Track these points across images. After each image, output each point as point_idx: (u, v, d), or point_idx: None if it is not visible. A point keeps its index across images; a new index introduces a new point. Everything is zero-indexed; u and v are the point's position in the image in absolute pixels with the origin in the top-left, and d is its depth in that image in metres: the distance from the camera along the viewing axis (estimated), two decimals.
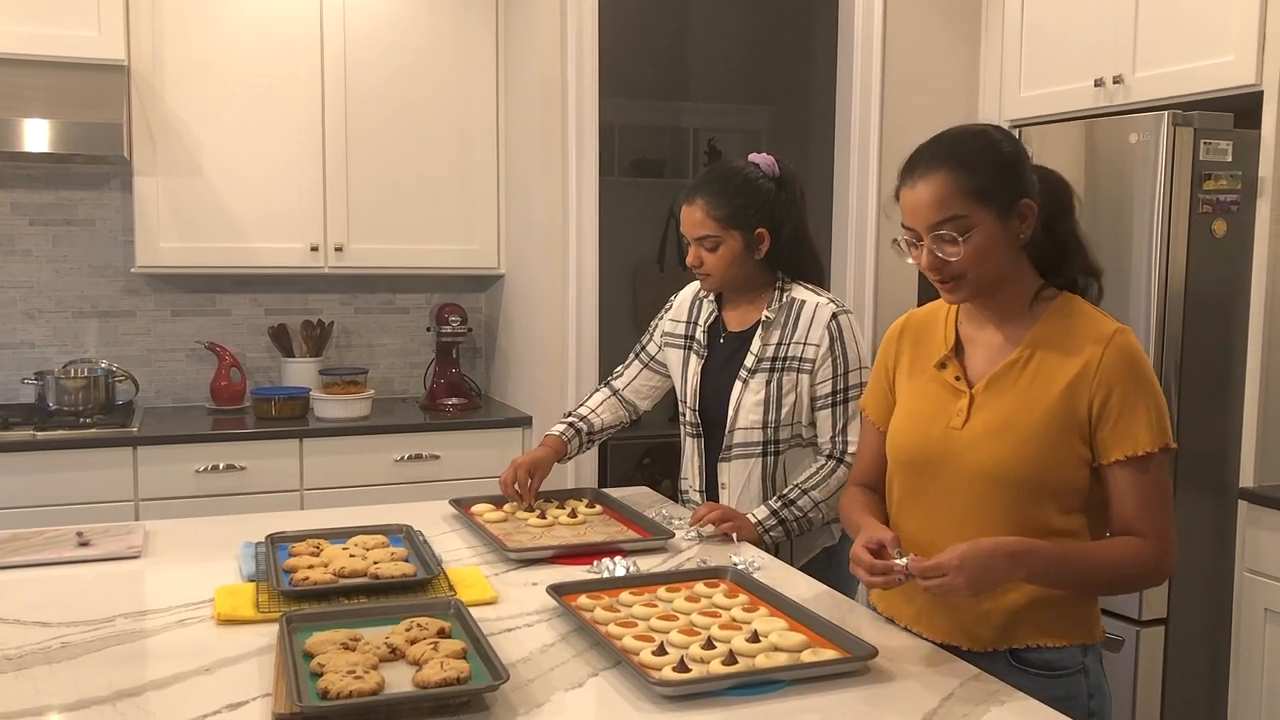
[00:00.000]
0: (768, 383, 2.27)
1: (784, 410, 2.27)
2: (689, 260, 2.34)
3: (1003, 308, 1.69)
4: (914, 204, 1.62)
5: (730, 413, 2.31)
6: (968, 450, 1.65)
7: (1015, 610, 1.65)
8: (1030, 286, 1.69)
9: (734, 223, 2.27)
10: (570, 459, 2.55)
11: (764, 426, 2.28)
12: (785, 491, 2.25)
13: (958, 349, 1.74)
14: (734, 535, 2.19)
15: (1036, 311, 1.68)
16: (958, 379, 1.70)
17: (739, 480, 2.32)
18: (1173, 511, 1.62)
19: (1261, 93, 2.80)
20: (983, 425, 1.65)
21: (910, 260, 1.67)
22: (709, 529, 2.19)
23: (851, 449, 2.22)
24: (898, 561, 1.56)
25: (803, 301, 2.30)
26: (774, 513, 2.22)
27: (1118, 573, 1.61)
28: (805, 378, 2.26)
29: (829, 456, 2.26)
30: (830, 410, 2.25)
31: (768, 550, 2.19)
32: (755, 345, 2.30)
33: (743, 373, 2.30)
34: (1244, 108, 2.84)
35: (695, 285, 2.49)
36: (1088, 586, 1.65)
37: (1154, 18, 3.06)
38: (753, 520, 2.21)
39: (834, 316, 2.25)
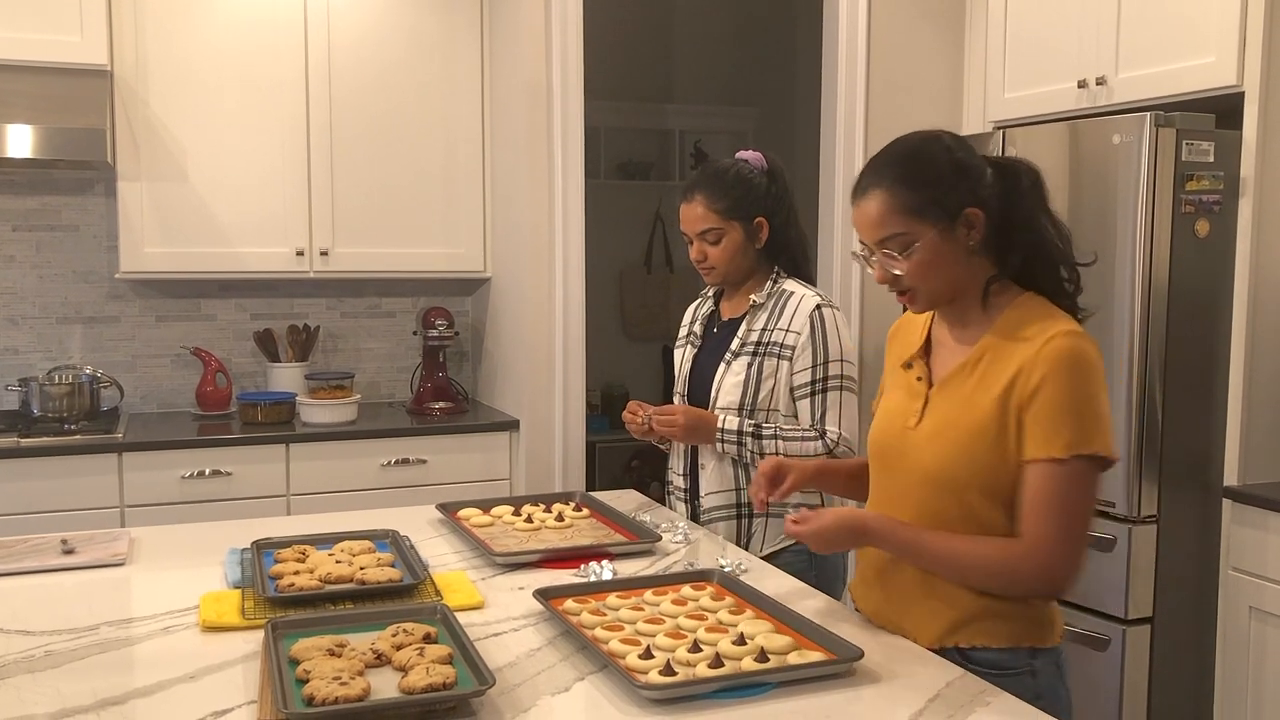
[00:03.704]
0: (749, 365, 2.31)
1: (761, 394, 2.30)
2: (693, 255, 2.39)
3: (962, 310, 1.70)
4: (859, 222, 1.67)
5: (712, 392, 2.35)
6: (915, 450, 1.69)
7: (960, 610, 1.65)
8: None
9: (734, 214, 2.33)
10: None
11: (740, 409, 2.31)
12: (763, 423, 2.28)
13: (927, 349, 1.77)
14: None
15: (993, 313, 1.67)
16: (919, 379, 1.74)
17: (715, 462, 2.35)
18: (1070, 523, 1.57)
19: (1243, 93, 2.81)
20: (931, 426, 1.68)
21: (869, 271, 1.70)
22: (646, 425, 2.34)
23: (831, 433, 2.26)
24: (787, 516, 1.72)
25: (791, 293, 2.34)
26: (738, 431, 2.27)
27: (972, 567, 1.62)
28: (785, 365, 2.29)
29: (813, 429, 2.29)
30: (809, 399, 2.28)
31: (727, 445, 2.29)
32: (741, 329, 2.35)
33: (727, 355, 2.35)
34: (1225, 108, 2.86)
35: (696, 301, 2.57)
36: (943, 572, 1.65)
37: (1136, 20, 3.08)
38: (718, 423, 2.28)
39: (818, 308, 2.29)
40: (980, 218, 1.63)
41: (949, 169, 1.63)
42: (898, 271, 1.64)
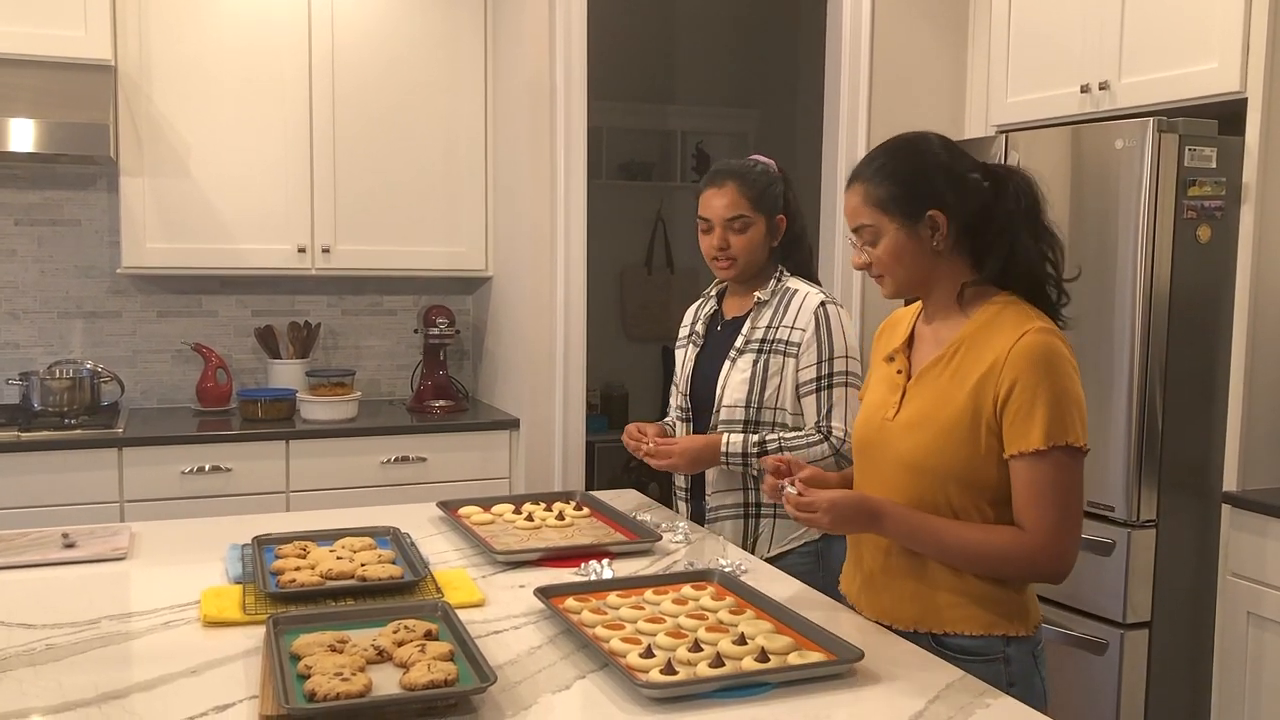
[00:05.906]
0: (754, 362, 2.32)
1: (768, 391, 2.30)
2: (714, 244, 2.36)
3: (939, 307, 1.79)
4: (845, 208, 1.82)
5: (718, 390, 2.35)
6: (894, 440, 1.76)
7: (941, 597, 1.72)
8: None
9: (762, 206, 2.35)
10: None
11: (747, 405, 2.31)
12: (766, 436, 2.28)
13: (910, 344, 1.84)
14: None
15: (970, 310, 1.74)
16: (899, 373, 1.81)
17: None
18: (1068, 510, 1.65)
19: (1245, 99, 2.81)
20: (907, 417, 1.75)
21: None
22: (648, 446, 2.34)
23: (837, 431, 2.27)
24: (788, 488, 1.75)
25: (796, 290, 2.36)
26: (743, 454, 2.27)
27: (986, 557, 1.67)
28: (791, 362, 2.30)
29: (817, 432, 2.29)
30: (815, 396, 2.29)
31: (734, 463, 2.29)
32: (746, 327, 2.36)
33: (732, 352, 2.36)
34: (1228, 114, 2.86)
35: (696, 301, 2.57)
36: (954, 561, 1.70)
37: (1139, 25, 3.08)
38: (721, 445, 2.28)
39: (822, 304, 2.31)
40: (943, 221, 1.71)
41: (926, 170, 1.72)
42: (866, 258, 1.78)
